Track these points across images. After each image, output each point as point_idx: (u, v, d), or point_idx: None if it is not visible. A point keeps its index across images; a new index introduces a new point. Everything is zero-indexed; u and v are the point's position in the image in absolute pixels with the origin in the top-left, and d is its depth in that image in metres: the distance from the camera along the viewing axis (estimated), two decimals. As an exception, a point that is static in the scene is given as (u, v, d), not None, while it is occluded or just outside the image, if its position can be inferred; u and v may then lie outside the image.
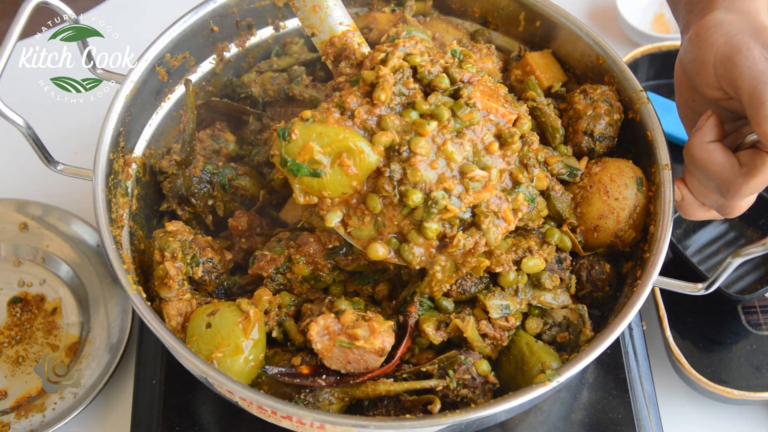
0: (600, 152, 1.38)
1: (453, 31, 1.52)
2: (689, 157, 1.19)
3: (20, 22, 1.24)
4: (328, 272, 1.30)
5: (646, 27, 1.99)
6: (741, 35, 1.12)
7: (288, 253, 1.29)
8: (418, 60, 1.21)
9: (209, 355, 1.18)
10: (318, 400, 1.19)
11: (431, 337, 1.23)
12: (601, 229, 1.31)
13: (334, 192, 1.18)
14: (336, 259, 1.29)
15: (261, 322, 1.23)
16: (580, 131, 1.37)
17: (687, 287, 1.25)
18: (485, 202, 1.19)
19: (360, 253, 1.26)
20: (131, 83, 1.36)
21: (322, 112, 1.18)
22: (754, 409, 1.53)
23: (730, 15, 1.16)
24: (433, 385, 1.19)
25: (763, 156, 1.11)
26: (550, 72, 1.48)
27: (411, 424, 1.11)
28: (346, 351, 1.17)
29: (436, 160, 1.17)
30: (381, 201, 1.18)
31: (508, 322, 1.24)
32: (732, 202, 1.17)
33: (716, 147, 1.16)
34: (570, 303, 1.29)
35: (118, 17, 2.02)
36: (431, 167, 1.17)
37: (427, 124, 1.16)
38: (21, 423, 1.47)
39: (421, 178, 1.15)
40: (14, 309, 1.61)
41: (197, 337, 1.20)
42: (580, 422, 1.42)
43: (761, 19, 1.16)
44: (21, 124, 1.24)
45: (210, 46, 1.50)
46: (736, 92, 1.11)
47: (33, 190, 1.76)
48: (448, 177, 1.17)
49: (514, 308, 1.25)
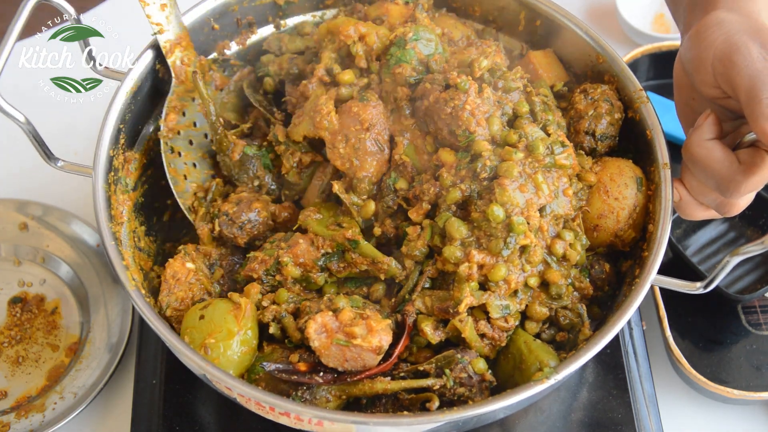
0: (602, 152, 1.38)
1: (462, 27, 1.52)
2: (688, 155, 1.19)
3: (21, 19, 1.24)
4: (318, 273, 1.30)
5: (646, 27, 1.99)
6: (740, 35, 1.13)
7: (277, 254, 1.30)
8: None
9: (202, 343, 1.19)
10: (315, 398, 1.19)
11: (429, 337, 1.23)
12: (600, 229, 1.31)
13: None
14: (328, 264, 1.30)
15: (253, 311, 1.25)
16: (581, 131, 1.37)
17: (685, 286, 1.26)
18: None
19: (355, 261, 1.28)
20: (132, 80, 1.36)
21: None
22: (754, 409, 1.53)
23: (731, 15, 1.16)
24: (430, 384, 1.19)
25: (762, 154, 1.11)
26: (553, 71, 1.47)
27: (409, 421, 1.11)
28: (343, 349, 1.18)
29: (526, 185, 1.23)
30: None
31: (507, 323, 1.24)
32: (731, 200, 1.17)
33: (715, 144, 1.16)
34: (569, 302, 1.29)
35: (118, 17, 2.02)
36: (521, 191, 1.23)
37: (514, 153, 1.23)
38: (21, 423, 1.47)
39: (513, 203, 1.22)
40: (14, 309, 1.61)
41: (191, 329, 1.22)
42: (580, 422, 1.42)
43: (762, 19, 1.17)
44: (21, 120, 1.24)
45: (211, 44, 1.51)
46: (734, 91, 1.12)
47: (33, 190, 1.76)
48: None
49: (514, 309, 1.25)
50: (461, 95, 1.26)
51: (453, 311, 1.21)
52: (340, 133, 1.32)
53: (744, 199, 1.19)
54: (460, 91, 1.26)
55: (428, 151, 1.32)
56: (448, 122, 1.27)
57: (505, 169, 1.22)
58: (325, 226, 1.31)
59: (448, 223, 1.24)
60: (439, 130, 1.30)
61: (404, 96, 1.33)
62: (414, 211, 1.29)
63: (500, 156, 1.24)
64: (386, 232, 1.34)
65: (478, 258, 1.21)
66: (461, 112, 1.25)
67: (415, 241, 1.28)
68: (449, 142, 1.30)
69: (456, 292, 1.22)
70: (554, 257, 1.26)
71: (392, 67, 1.33)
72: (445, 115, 1.27)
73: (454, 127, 1.27)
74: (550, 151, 1.26)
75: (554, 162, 1.26)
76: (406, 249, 1.29)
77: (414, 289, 1.27)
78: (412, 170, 1.32)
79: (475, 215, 1.23)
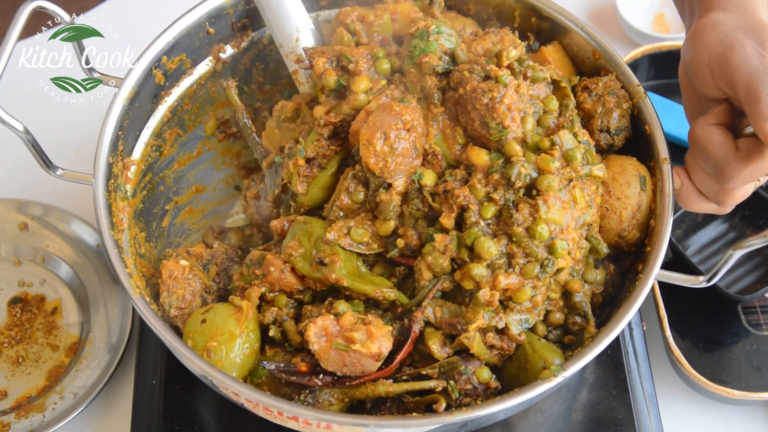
0: (619, 145, 1.36)
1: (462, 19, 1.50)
2: (691, 137, 1.19)
3: (17, 26, 1.24)
4: (299, 292, 1.29)
5: (646, 27, 1.99)
6: (734, 33, 1.13)
7: (254, 284, 1.29)
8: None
9: (204, 346, 1.20)
10: (318, 401, 1.19)
11: (436, 355, 1.20)
12: (603, 229, 1.30)
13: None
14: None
15: (254, 313, 1.25)
16: (596, 130, 1.34)
17: (688, 280, 1.25)
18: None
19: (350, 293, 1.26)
20: (129, 87, 1.36)
21: None
22: (754, 409, 1.53)
23: (726, 14, 1.16)
24: (432, 386, 1.18)
25: (761, 144, 1.10)
26: (565, 68, 1.45)
27: (418, 423, 1.11)
28: (342, 353, 1.16)
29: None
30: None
31: (521, 337, 1.23)
32: (726, 186, 1.17)
33: (717, 129, 1.15)
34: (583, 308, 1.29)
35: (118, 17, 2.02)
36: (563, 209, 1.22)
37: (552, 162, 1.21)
38: (21, 423, 1.47)
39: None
40: (14, 309, 1.61)
41: (193, 333, 1.22)
42: (580, 422, 1.42)
43: (757, 15, 1.16)
44: (20, 129, 1.24)
45: (206, 48, 1.50)
46: (733, 90, 1.12)
47: (33, 189, 1.76)
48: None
49: (533, 321, 1.24)
50: (500, 88, 1.22)
51: (462, 328, 1.19)
52: (379, 129, 1.25)
53: (740, 192, 1.18)
54: (500, 84, 1.23)
55: (459, 142, 1.28)
56: (483, 113, 1.23)
57: (547, 184, 1.19)
58: (309, 263, 1.26)
59: (477, 242, 1.18)
60: (470, 120, 1.25)
61: (433, 84, 1.29)
62: (446, 216, 1.22)
63: (536, 164, 1.22)
64: (409, 243, 1.27)
65: (505, 283, 1.18)
66: (499, 105, 1.22)
67: (440, 253, 1.21)
68: (480, 134, 1.25)
69: (470, 313, 1.19)
70: (575, 270, 1.26)
71: (417, 57, 1.29)
72: (480, 105, 1.23)
73: (488, 119, 1.22)
74: (587, 161, 1.25)
75: (590, 173, 1.25)
76: (430, 259, 1.22)
77: (423, 300, 1.24)
78: (442, 160, 1.28)
79: (515, 230, 1.19)
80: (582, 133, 1.28)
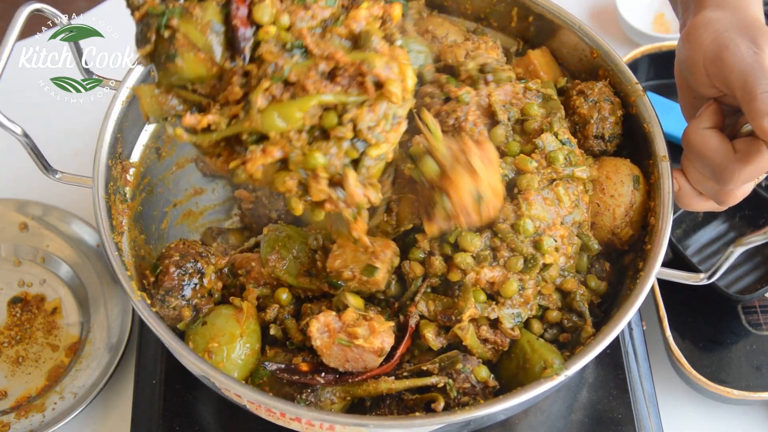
0: (611, 151, 1.38)
1: (448, 26, 1.51)
2: (686, 143, 1.20)
3: (15, 29, 1.23)
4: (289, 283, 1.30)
5: (646, 27, 1.99)
6: (728, 32, 1.13)
7: (239, 282, 1.30)
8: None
9: (205, 347, 1.20)
10: (320, 400, 1.19)
11: (431, 343, 1.22)
12: (597, 226, 1.31)
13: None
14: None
15: (254, 313, 1.26)
16: (590, 136, 1.36)
17: (689, 277, 1.26)
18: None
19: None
20: (127, 89, 1.35)
21: None
22: (754, 409, 1.53)
23: (719, 13, 1.16)
24: (434, 381, 1.19)
25: (758, 143, 1.10)
26: (551, 72, 1.47)
27: (421, 422, 1.11)
28: (344, 349, 1.17)
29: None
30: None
31: (514, 332, 1.24)
32: (726, 188, 1.17)
33: (712, 133, 1.16)
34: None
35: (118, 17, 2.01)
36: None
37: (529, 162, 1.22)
38: (21, 423, 1.47)
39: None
40: (14, 309, 1.61)
41: (194, 335, 1.23)
42: (580, 422, 1.42)
43: (751, 13, 1.16)
44: (19, 133, 1.24)
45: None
46: (729, 88, 1.12)
47: (33, 190, 1.76)
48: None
49: (526, 316, 1.24)
50: (462, 107, 1.25)
51: (455, 319, 1.21)
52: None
53: (740, 191, 1.18)
54: (461, 104, 1.25)
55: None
56: (452, 134, 1.25)
57: (527, 183, 1.22)
58: (294, 275, 1.28)
59: (460, 237, 1.21)
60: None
61: None
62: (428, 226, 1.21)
63: (515, 165, 1.24)
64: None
65: (489, 275, 1.20)
66: (465, 123, 1.24)
67: (424, 253, 1.25)
68: None
69: (461, 301, 1.21)
70: (567, 270, 1.27)
71: None
72: (447, 127, 1.25)
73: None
74: (569, 162, 1.26)
75: (572, 174, 1.26)
76: (414, 264, 1.25)
77: (415, 295, 1.26)
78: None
79: (500, 227, 1.21)
80: (563, 132, 1.29)
